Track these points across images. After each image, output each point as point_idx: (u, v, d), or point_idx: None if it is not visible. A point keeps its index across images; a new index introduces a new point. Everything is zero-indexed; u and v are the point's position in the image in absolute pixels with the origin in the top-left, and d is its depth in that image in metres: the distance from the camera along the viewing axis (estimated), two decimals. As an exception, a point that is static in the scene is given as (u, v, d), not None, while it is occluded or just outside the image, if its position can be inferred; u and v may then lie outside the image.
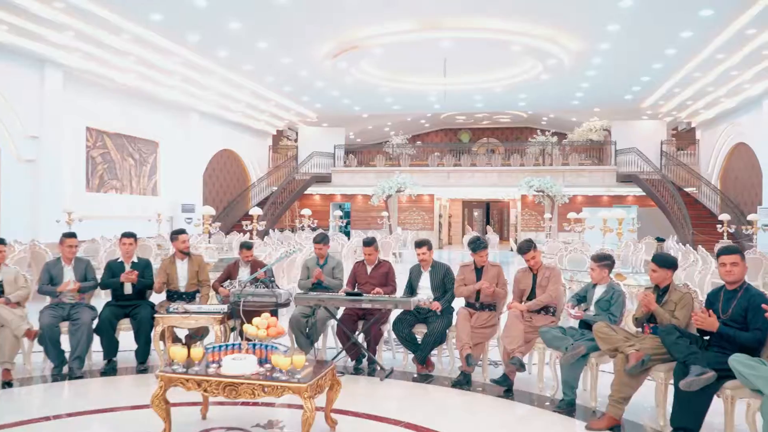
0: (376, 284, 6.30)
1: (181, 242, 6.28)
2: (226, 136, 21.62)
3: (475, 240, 5.91)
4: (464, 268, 5.95)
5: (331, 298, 5.81)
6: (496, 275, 5.84)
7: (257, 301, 5.67)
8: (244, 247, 6.63)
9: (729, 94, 16.32)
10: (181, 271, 6.30)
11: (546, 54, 13.65)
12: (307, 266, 6.71)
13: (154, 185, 17.94)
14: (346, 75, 16.12)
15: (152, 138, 17.75)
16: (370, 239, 6.44)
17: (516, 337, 5.22)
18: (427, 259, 6.11)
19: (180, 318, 5.62)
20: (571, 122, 25.79)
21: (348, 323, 6.03)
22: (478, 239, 5.92)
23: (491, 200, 32.99)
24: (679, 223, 17.87)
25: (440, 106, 21.50)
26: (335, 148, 24.12)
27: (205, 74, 15.95)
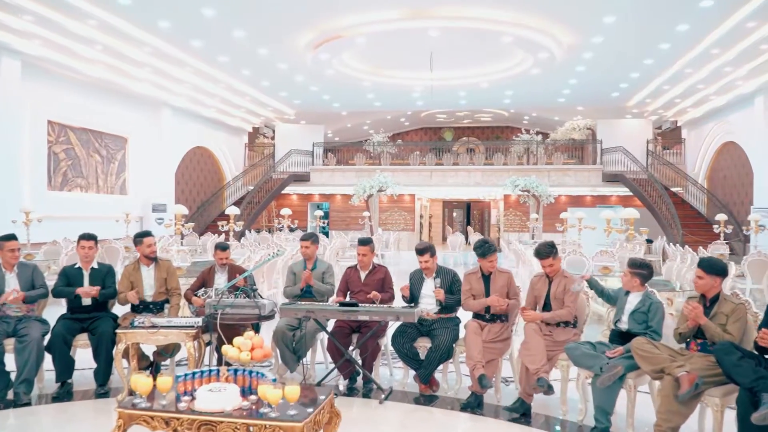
0: (370, 292, 5.59)
1: (146, 246, 5.48)
2: (199, 132, 20.66)
3: (482, 243, 5.22)
4: (470, 277, 5.26)
5: (322, 309, 5.07)
6: (506, 283, 5.17)
7: (237, 313, 4.91)
8: (219, 248, 5.86)
9: (720, 91, 15.96)
10: (147, 278, 5.51)
11: (538, 46, 13.08)
12: (293, 271, 5.97)
13: (122, 183, 16.94)
14: (327, 68, 15.35)
15: (121, 133, 16.75)
16: (367, 238, 5.72)
17: (538, 354, 4.56)
18: (431, 267, 5.41)
19: (146, 334, 4.83)
20: (553, 121, 25.37)
21: (340, 337, 5.32)
22: (485, 242, 5.24)
23: (472, 200, 32.51)
24: (668, 223, 17.49)
25: (423, 103, 20.85)
26: (314, 145, 23.32)
27: (178, 66, 15.04)
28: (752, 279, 9.59)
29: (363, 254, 5.64)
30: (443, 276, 5.41)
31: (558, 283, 4.86)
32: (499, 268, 5.24)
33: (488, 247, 5.14)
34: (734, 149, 17.39)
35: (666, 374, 3.81)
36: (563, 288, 4.81)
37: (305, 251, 5.86)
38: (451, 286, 5.38)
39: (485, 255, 5.10)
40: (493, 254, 5.14)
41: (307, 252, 5.86)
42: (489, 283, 5.17)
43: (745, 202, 16.44)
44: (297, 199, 24.97)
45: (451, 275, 5.44)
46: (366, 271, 5.68)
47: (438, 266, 5.49)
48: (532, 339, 4.63)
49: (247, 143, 24.59)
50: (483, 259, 5.13)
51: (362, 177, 21.41)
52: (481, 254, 5.14)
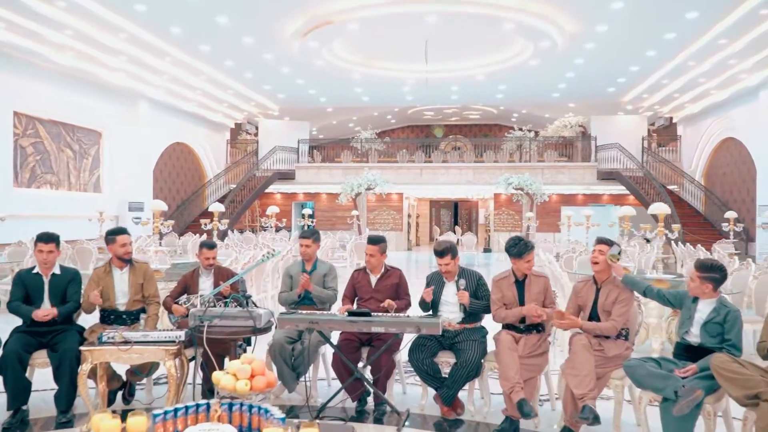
0: (383, 299, 4.82)
1: (119, 245, 4.65)
2: (179, 128, 19.68)
3: (516, 241, 4.47)
4: (501, 283, 4.51)
5: (329, 319, 4.26)
6: (543, 290, 4.43)
7: (227, 325, 4.11)
8: (206, 246, 5.04)
9: (722, 85, 15.48)
10: (121, 283, 4.68)
11: (540, 34, 12.41)
12: (290, 274, 5.17)
13: (96, 180, 15.93)
14: (315, 58, 14.53)
15: (94, 127, 15.74)
16: (378, 237, 4.94)
17: (587, 375, 3.82)
18: (452, 269, 4.64)
19: (117, 351, 4.00)
20: (543, 119, 24.83)
21: (348, 351, 4.54)
22: (520, 240, 4.49)
23: (460, 200, 31.87)
24: (666, 221, 16.93)
25: (413, 98, 20.12)
26: (299, 142, 22.45)
27: (156, 55, 14.12)
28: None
29: (371, 254, 4.85)
30: (468, 278, 4.66)
31: (608, 291, 4.13)
32: (534, 271, 4.50)
33: (524, 245, 4.39)
34: (734, 145, 16.93)
35: (763, 400, 3.10)
36: (615, 298, 4.08)
37: (305, 251, 5.06)
38: (477, 291, 4.63)
39: (521, 254, 4.35)
40: (531, 252, 4.40)
41: (308, 251, 5.06)
42: (523, 289, 4.42)
43: (747, 199, 15.96)
44: (281, 198, 24.08)
45: (477, 278, 4.69)
46: (377, 275, 4.90)
47: (460, 268, 4.74)
48: (580, 356, 3.90)
49: (229, 140, 23.65)
50: (519, 260, 4.38)
51: (350, 175, 20.65)
52: (517, 254, 4.38)
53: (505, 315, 4.37)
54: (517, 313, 4.31)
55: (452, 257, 4.62)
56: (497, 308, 4.45)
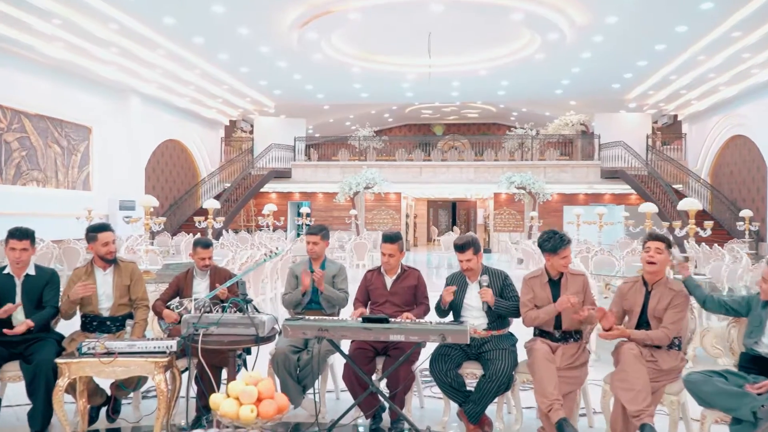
0: (400, 304, 4.31)
1: (101, 244, 4.12)
2: (172, 124, 19.10)
3: (551, 235, 3.98)
4: (532, 282, 4.01)
5: (341, 326, 3.73)
6: (582, 288, 3.94)
7: (226, 333, 3.59)
8: (200, 245, 4.50)
9: (732, 81, 15.04)
10: (104, 285, 4.15)
11: (549, 26, 11.94)
12: (295, 274, 4.65)
13: (86, 178, 15.34)
14: (314, 51, 14.02)
15: (84, 122, 15.14)
16: (395, 234, 4.42)
17: (642, 390, 3.34)
18: (475, 267, 4.13)
19: (99, 364, 3.48)
20: (543, 117, 24.39)
21: (362, 362, 4.04)
22: (555, 233, 3.99)
23: (458, 199, 31.41)
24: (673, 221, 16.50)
25: (413, 94, 19.62)
26: (296, 140, 21.90)
27: (148, 47, 13.56)
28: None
29: (390, 254, 4.33)
30: (492, 277, 4.16)
31: (661, 294, 3.64)
32: (571, 269, 4.01)
33: (560, 239, 3.90)
34: (743, 143, 16.52)
35: None
36: (668, 302, 3.59)
37: (313, 248, 4.55)
38: (503, 291, 4.13)
39: (556, 249, 3.85)
40: (567, 248, 3.90)
41: (315, 249, 4.55)
42: (559, 289, 3.93)
43: (756, 198, 15.55)
44: (276, 198, 23.52)
45: (503, 277, 4.19)
46: (393, 276, 4.38)
47: (483, 267, 4.23)
48: (633, 368, 3.40)
49: (224, 137, 23.07)
50: (554, 256, 3.89)
51: (347, 174, 20.14)
52: (551, 249, 3.89)
53: (536, 315, 3.87)
54: (551, 311, 3.81)
55: (474, 252, 4.11)
56: (527, 309, 3.95)
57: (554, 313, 3.81)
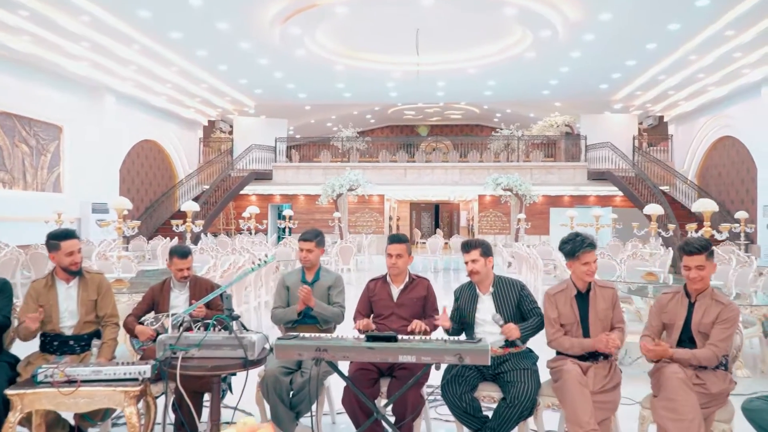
0: (408, 317, 3.83)
1: (64, 254, 3.59)
2: (148, 124, 18.39)
3: (571, 237, 3.55)
4: (556, 298, 3.57)
5: (341, 345, 3.24)
6: (611, 304, 3.50)
7: (209, 357, 3.08)
8: (177, 254, 3.97)
9: (722, 81, 14.86)
10: (67, 301, 3.62)
11: (542, 22, 11.59)
12: (286, 285, 4.15)
13: (56, 179, 14.59)
14: (297, 47, 13.49)
15: (54, 121, 14.40)
16: (401, 235, 3.96)
17: (693, 420, 2.91)
18: (482, 271, 3.67)
19: (58, 395, 2.95)
20: (528, 118, 24.16)
21: (364, 384, 3.56)
22: (576, 235, 3.57)
23: (441, 201, 31.08)
24: (662, 222, 16.30)
25: (397, 94, 19.17)
26: (276, 141, 21.31)
27: (122, 43, 12.91)
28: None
29: (398, 254, 3.86)
30: (505, 290, 3.69)
31: (706, 307, 3.21)
32: (599, 281, 3.57)
33: (581, 242, 3.47)
34: (732, 144, 16.37)
35: None
36: (715, 316, 3.16)
37: (306, 256, 4.04)
38: (520, 303, 3.67)
39: (575, 253, 3.45)
40: (590, 252, 3.46)
41: (309, 257, 4.05)
42: (587, 304, 3.49)
43: (746, 200, 15.39)
44: (257, 200, 22.90)
45: (519, 287, 3.72)
46: (400, 286, 3.91)
47: (495, 276, 3.77)
48: (682, 395, 2.97)
49: (202, 138, 22.37)
50: (574, 261, 3.46)
51: (330, 175, 19.62)
52: (570, 252, 3.48)
53: (570, 346, 3.42)
54: (586, 346, 3.37)
55: (483, 254, 3.65)
56: (554, 331, 3.50)
57: (590, 349, 3.37)
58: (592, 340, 3.38)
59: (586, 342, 3.37)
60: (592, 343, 3.34)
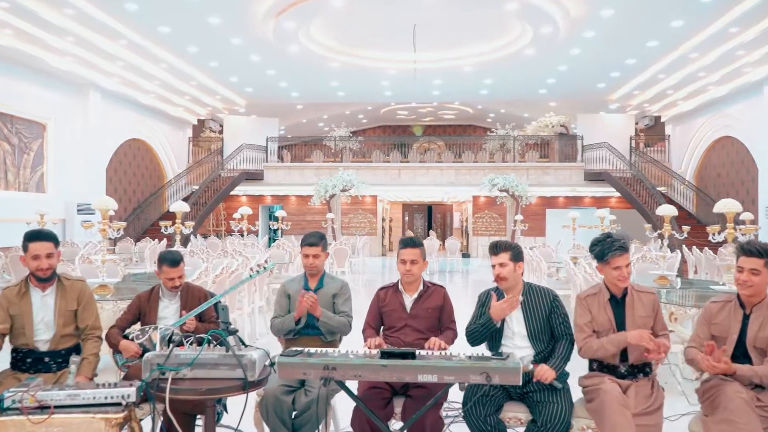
0: (423, 329, 3.47)
1: (31, 257, 3.17)
2: (136, 122, 17.90)
3: (600, 239, 3.21)
4: (588, 301, 3.23)
5: (352, 363, 2.85)
6: (652, 311, 3.16)
7: (203, 378, 2.70)
8: (167, 262, 3.56)
9: (722, 80, 14.62)
10: (42, 310, 3.22)
11: (543, 17, 11.27)
12: (287, 293, 3.77)
13: (39, 179, 14.07)
14: (291, 42, 13.09)
15: (37, 118, 13.89)
16: (414, 239, 3.59)
17: (759, 444, 2.55)
18: (510, 277, 3.31)
19: (28, 425, 2.54)
20: (522, 118, 23.86)
21: (375, 404, 3.18)
22: (606, 236, 3.23)
23: (434, 203, 30.75)
24: (660, 224, 16.04)
25: (392, 93, 18.80)
26: (268, 140, 20.87)
27: (109, 37, 12.46)
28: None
29: (412, 260, 3.50)
30: (535, 299, 3.34)
31: (763, 318, 2.88)
32: (637, 285, 3.22)
33: (609, 244, 3.14)
34: (731, 144, 16.15)
35: None
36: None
37: (312, 262, 3.67)
38: (550, 315, 3.32)
39: (604, 256, 3.12)
40: (620, 255, 3.11)
41: (315, 263, 3.68)
42: (623, 310, 3.15)
43: (746, 200, 15.16)
44: (247, 201, 22.48)
45: (551, 297, 3.36)
46: (414, 294, 3.54)
47: (525, 284, 3.41)
48: (744, 416, 2.62)
49: (192, 137, 21.88)
50: (604, 265, 3.12)
51: (322, 175, 19.22)
52: (598, 255, 3.16)
53: (600, 345, 3.07)
54: (620, 341, 3.02)
55: (512, 258, 3.29)
56: (586, 336, 3.15)
57: (624, 344, 3.02)
58: (626, 333, 3.03)
59: (619, 337, 3.02)
60: (628, 338, 2.98)
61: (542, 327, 3.27)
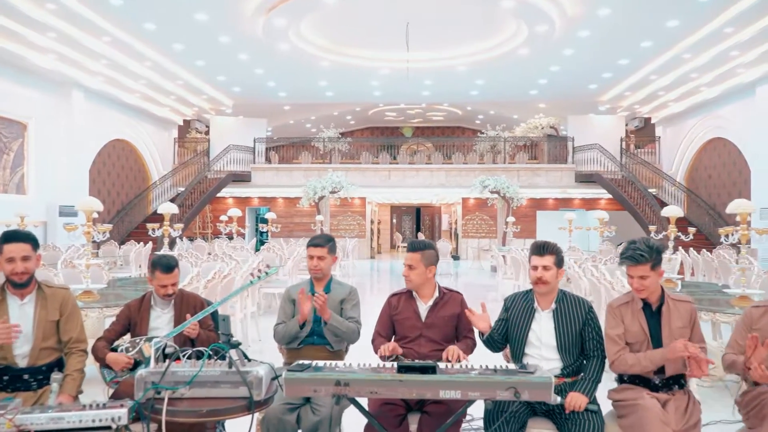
0: (439, 339, 3.21)
1: (5, 259, 2.87)
2: (120, 122, 17.46)
3: (628, 245, 2.98)
4: (620, 310, 3.00)
5: (367, 378, 2.58)
6: (689, 320, 2.93)
7: (204, 398, 2.42)
8: (160, 268, 3.25)
9: (715, 81, 14.54)
10: (19, 322, 2.89)
11: (539, 15, 11.08)
12: (291, 298, 3.50)
13: (20, 180, 13.62)
14: (281, 41, 12.78)
15: (18, 118, 13.44)
16: (424, 242, 3.33)
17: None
18: (552, 282, 3.06)
19: (2, 453, 2.26)
20: (511, 120, 23.75)
21: (390, 422, 2.91)
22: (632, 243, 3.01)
23: (423, 205, 30.57)
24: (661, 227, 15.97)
25: (381, 93, 18.55)
26: (255, 141, 20.51)
27: (92, 34, 12.07)
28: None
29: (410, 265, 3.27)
30: (569, 308, 3.09)
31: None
32: (673, 294, 2.99)
33: (625, 250, 2.92)
34: (723, 146, 16.10)
35: None
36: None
37: (318, 264, 3.41)
38: (584, 327, 3.07)
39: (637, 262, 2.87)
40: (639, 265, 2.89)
41: (322, 266, 3.42)
42: (659, 321, 2.91)
43: (738, 202, 15.10)
44: (234, 203, 22.07)
45: (586, 309, 3.10)
46: (429, 302, 3.28)
47: (560, 291, 3.16)
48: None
49: (177, 138, 21.44)
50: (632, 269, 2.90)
51: (311, 177, 18.92)
52: (630, 259, 2.91)
53: (635, 361, 2.84)
54: (657, 358, 2.79)
55: (556, 263, 3.06)
56: (619, 349, 2.91)
57: (662, 362, 2.79)
58: (664, 349, 2.80)
59: (657, 353, 2.79)
60: (665, 352, 2.76)
61: (574, 339, 3.03)
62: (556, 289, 3.11)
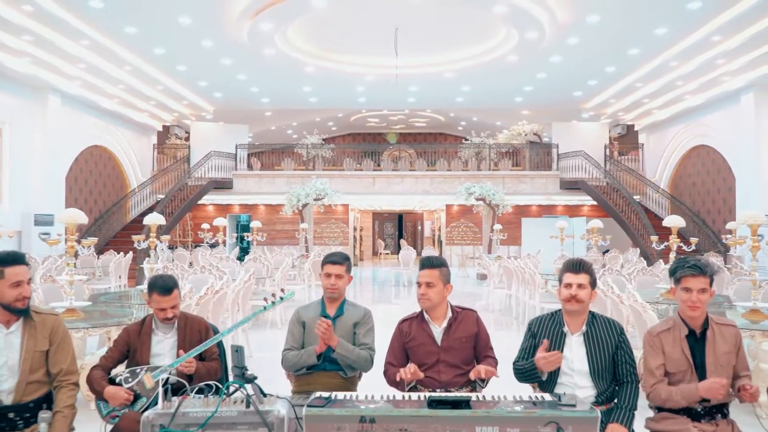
0: (459, 363, 2.98)
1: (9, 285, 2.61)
2: (98, 128, 16.96)
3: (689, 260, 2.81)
4: (662, 337, 2.81)
5: (396, 415, 2.34)
6: (734, 345, 2.76)
7: (219, 442, 2.16)
8: (157, 290, 2.97)
9: (700, 89, 14.63)
10: (5, 353, 2.62)
11: (531, 21, 10.97)
12: (302, 320, 3.25)
13: (-7, 188, 13.14)
14: (266, 45, 12.50)
15: (-10, 123, 12.98)
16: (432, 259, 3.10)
17: None
18: (586, 301, 2.86)
19: None
20: (494, 126, 23.71)
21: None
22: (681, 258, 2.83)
23: (405, 211, 30.39)
24: (638, 233, 16.01)
25: (366, 100, 18.37)
26: (237, 148, 20.13)
27: (69, 37, 11.65)
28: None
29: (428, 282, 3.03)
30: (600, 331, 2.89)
31: None
32: (717, 318, 2.81)
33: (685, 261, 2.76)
34: (707, 153, 16.20)
35: None
36: None
37: (336, 283, 3.18)
38: (616, 352, 2.86)
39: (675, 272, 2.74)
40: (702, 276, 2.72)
41: (338, 284, 3.18)
42: (703, 347, 2.73)
43: (723, 209, 15.20)
44: (214, 210, 21.64)
45: (618, 332, 2.90)
46: (442, 323, 3.04)
47: (590, 314, 2.95)
48: None
49: (156, 144, 20.96)
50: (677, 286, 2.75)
51: (294, 184, 18.62)
52: (672, 272, 2.78)
53: (669, 396, 2.65)
54: (692, 395, 2.61)
55: (592, 283, 2.86)
56: (655, 382, 2.72)
57: (697, 399, 2.61)
58: (698, 385, 2.62)
59: (690, 388, 2.61)
60: (700, 392, 2.58)
61: (606, 364, 2.83)
62: (587, 310, 2.92)
